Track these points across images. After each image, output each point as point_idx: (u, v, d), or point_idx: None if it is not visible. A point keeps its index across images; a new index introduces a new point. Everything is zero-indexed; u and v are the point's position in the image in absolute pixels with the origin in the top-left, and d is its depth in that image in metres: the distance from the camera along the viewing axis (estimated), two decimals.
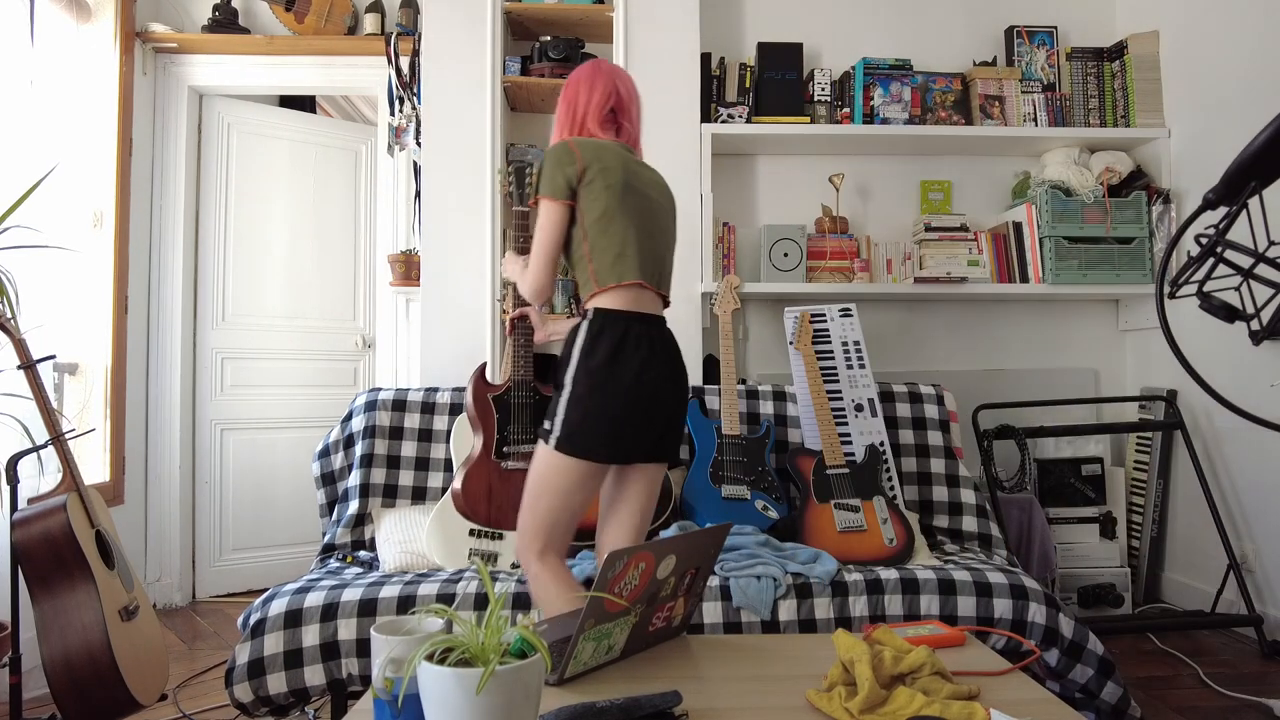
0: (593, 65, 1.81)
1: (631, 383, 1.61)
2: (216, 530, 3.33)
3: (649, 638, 1.32)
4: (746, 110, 3.08)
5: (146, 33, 3.12)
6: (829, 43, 3.33)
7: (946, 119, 3.17)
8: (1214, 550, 2.81)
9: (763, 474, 2.41)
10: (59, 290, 2.81)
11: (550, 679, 1.17)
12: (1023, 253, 3.12)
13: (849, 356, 2.62)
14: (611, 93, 1.77)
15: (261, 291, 3.44)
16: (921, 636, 1.37)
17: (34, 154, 2.66)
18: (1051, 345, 3.35)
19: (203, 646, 2.69)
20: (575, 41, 3.00)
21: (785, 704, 1.13)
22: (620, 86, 1.78)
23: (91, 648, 1.83)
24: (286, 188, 3.49)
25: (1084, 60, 3.23)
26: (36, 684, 2.21)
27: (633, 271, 1.68)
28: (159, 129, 3.25)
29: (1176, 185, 3.08)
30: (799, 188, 3.31)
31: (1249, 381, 2.70)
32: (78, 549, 1.87)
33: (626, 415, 1.61)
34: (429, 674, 0.83)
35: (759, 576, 1.89)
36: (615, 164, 1.69)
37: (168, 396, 3.23)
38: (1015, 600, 1.88)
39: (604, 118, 1.76)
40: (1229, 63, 2.84)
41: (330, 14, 3.22)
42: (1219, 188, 1.69)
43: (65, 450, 2.00)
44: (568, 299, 3.00)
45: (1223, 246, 1.67)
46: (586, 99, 1.76)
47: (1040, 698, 1.14)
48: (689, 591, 1.35)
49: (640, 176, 1.75)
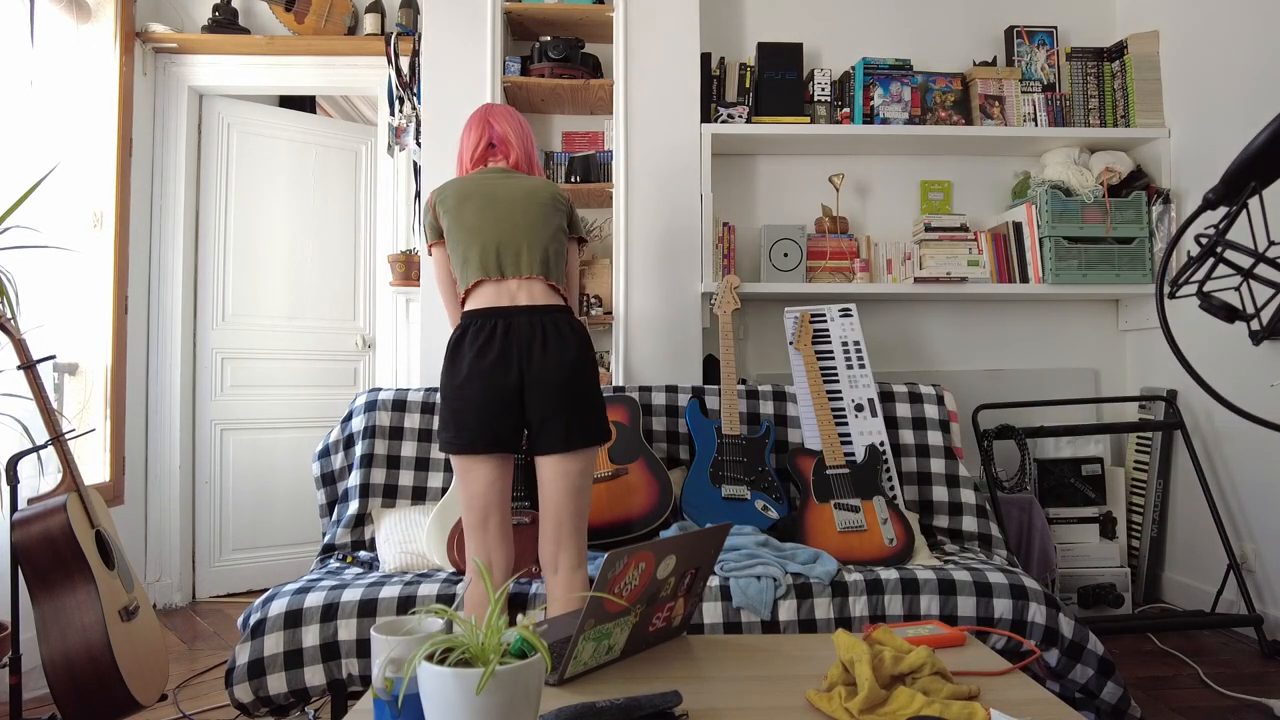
0: (475, 113, 2.03)
1: (466, 375, 1.75)
2: (216, 530, 3.33)
3: (649, 638, 1.32)
4: (746, 110, 3.08)
5: (146, 33, 3.12)
6: (829, 43, 3.33)
7: (946, 119, 3.17)
8: (1214, 550, 2.81)
9: (763, 474, 2.41)
10: (59, 290, 2.81)
11: (550, 679, 1.17)
12: (1023, 253, 3.12)
13: (849, 356, 2.62)
14: (484, 134, 1.99)
15: (261, 292, 3.44)
16: (922, 636, 1.37)
17: (34, 154, 2.66)
18: (1051, 345, 3.35)
19: (203, 647, 2.69)
20: (575, 42, 3.00)
21: (785, 704, 1.13)
22: (494, 125, 1.99)
23: (92, 648, 1.83)
24: (286, 188, 3.49)
25: (1084, 60, 3.23)
26: (36, 684, 2.21)
27: (475, 272, 1.83)
28: (159, 129, 3.25)
29: (1176, 185, 3.08)
30: (799, 188, 3.31)
31: (1249, 381, 2.70)
32: (78, 549, 1.87)
33: (464, 406, 1.75)
34: (429, 674, 0.83)
35: (759, 576, 1.89)
36: (453, 189, 1.90)
37: (168, 396, 3.23)
38: (1015, 600, 1.88)
39: (477, 157, 1.99)
40: (1229, 63, 2.84)
41: (330, 14, 3.22)
42: (1219, 188, 1.69)
43: (65, 450, 2.00)
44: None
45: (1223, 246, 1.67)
46: (464, 145, 2.01)
47: (1040, 698, 1.14)
48: (689, 592, 1.35)
49: (484, 184, 1.90)
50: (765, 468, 2.42)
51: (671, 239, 2.98)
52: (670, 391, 2.63)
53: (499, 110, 2.02)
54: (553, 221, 1.89)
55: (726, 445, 2.44)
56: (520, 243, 1.84)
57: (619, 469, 2.36)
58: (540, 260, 1.84)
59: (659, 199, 2.98)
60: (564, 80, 2.97)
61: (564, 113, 3.26)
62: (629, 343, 2.95)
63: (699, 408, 2.53)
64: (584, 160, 3.08)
